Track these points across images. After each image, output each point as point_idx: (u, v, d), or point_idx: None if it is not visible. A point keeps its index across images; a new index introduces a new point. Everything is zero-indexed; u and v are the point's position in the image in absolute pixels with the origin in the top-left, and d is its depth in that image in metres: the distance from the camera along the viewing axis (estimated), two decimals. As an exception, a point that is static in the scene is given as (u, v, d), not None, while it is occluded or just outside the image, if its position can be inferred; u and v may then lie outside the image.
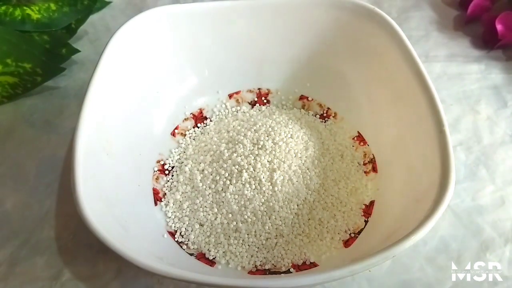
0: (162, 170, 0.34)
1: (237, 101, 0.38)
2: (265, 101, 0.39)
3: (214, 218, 0.31)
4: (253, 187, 0.30)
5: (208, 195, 0.31)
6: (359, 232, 0.30)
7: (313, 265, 0.29)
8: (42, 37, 0.39)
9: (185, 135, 0.36)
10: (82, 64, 0.42)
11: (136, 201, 0.30)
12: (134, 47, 0.32)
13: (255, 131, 0.33)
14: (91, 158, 0.26)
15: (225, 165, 0.31)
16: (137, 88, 0.33)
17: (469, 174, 0.35)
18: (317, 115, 0.38)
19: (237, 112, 0.38)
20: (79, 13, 0.42)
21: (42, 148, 0.36)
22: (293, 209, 0.31)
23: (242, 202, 0.30)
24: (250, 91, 0.39)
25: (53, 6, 0.40)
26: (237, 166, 0.31)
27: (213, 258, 0.29)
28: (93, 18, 0.47)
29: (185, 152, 0.35)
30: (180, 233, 0.30)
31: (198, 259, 0.29)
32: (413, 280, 0.30)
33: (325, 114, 0.37)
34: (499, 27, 0.42)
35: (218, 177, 0.31)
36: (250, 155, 0.31)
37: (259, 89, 0.39)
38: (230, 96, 0.38)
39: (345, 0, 0.34)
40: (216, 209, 0.31)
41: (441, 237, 0.31)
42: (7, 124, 0.38)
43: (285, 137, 0.33)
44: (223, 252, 0.30)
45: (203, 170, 0.33)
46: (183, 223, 0.31)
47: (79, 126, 0.26)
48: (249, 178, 0.30)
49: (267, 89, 0.39)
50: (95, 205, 0.24)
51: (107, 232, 0.22)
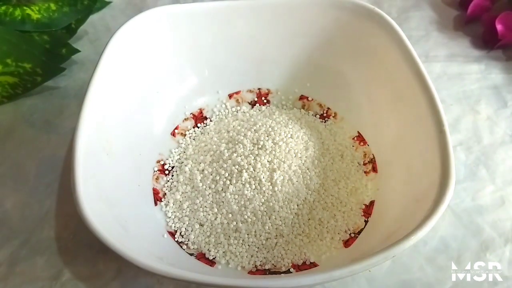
0: (162, 170, 0.34)
1: (237, 101, 0.38)
2: (265, 101, 0.39)
3: (214, 218, 0.31)
4: (253, 187, 0.30)
5: (208, 195, 0.31)
6: (359, 232, 0.30)
7: (313, 265, 0.29)
8: (42, 37, 0.39)
9: (185, 135, 0.36)
10: (82, 64, 0.42)
11: (136, 201, 0.30)
12: (134, 47, 0.32)
13: (255, 131, 0.33)
14: (91, 158, 0.26)
15: (225, 165, 0.31)
16: (137, 88, 0.33)
17: (469, 174, 0.35)
18: (317, 115, 0.38)
19: (237, 112, 0.38)
20: (79, 13, 0.42)
21: (42, 148, 0.36)
22: (293, 209, 0.31)
23: (242, 202, 0.30)
24: (250, 91, 0.39)
25: (53, 6, 0.40)
26: (237, 166, 0.31)
27: (213, 258, 0.29)
28: (93, 18, 0.47)
29: (185, 152, 0.35)
30: (180, 233, 0.30)
31: (198, 259, 0.29)
32: (413, 280, 0.30)
33: (325, 114, 0.37)
34: (499, 27, 0.42)
35: (218, 177, 0.31)
36: (250, 155, 0.31)
37: (259, 89, 0.39)
38: (230, 96, 0.38)
39: (345, 0, 0.34)
40: (216, 209, 0.31)
41: (441, 237, 0.31)
42: (7, 124, 0.38)
43: (285, 137, 0.33)
44: (223, 252, 0.30)
45: (203, 170, 0.33)
46: (183, 223, 0.31)
47: (79, 126, 0.26)
48: (249, 178, 0.30)
49: (267, 89, 0.39)
50: (95, 205, 0.24)
51: (107, 232, 0.22)
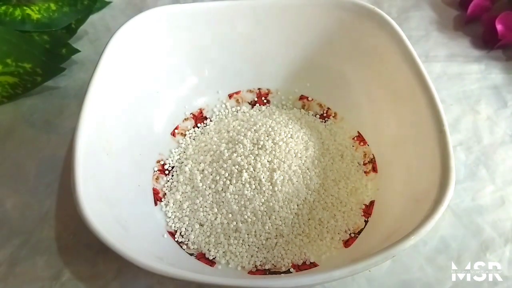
0: (162, 170, 0.34)
1: (237, 101, 0.38)
2: (265, 101, 0.39)
3: (214, 218, 0.31)
4: (253, 187, 0.30)
5: (208, 195, 0.31)
6: (359, 232, 0.30)
7: (313, 265, 0.29)
8: (42, 37, 0.39)
9: (185, 135, 0.36)
10: (82, 64, 0.42)
11: (136, 201, 0.30)
12: (134, 47, 0.32)
13: (255, 131, 0.33)
14: (91, 158, 0.26)
15: (225, 165, 0.31)
16: (137, 88, 0.33)
17: (469, 174, 0.35)
18: (317, 115, 0.38)
19: (237, 112, 0.38)
20: (79, 13, 0.42)
21: (42, 148, 0.36)
22: (293, 209, 0.31)
23: (242, 202, 0.30)
24: (250, 91, 0.39)
25: (53, 6, 0.40)
26: (237, 166, 0.31)
27: (213, 258, 0.29)
28: (93, 18, 0.47)
29: (185, 152, 0.35)
30: (180, 233, 0.30)
31: (198, 259, 0.29)
32: (413, 280, 0.30)
33: (325, 114, 0.37)
34: (499, 27, 0.42)
35: (218, 177, 0.31)
36: (250, 155, 0.31)
37: (259, 89, 0.39)
38: (230, 96, 0.38)
39: (346, 0, 0.34)
40: (216, 209, 0.31)
41: (441, 237, 0.31)
42: (7, 124, 0.38)
43: (285, 137, 0.33)
44: (223, 252, 0.30)
45: (203, 170, 0.33)
46: (183, 223, 0.31)
47: (79, 126, 0.26)
48: (249, 178, 0.30)
49: (267, 89, 0.39)
50: (95, 205, 0.24)
51: (107, 232, 0.22)
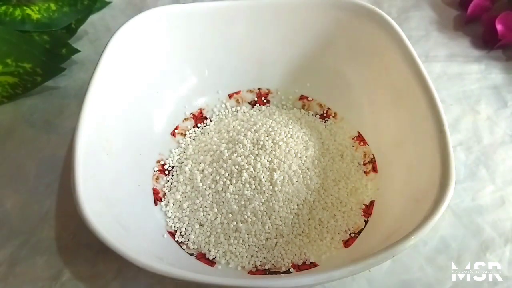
0: (162, 170, 0.34)
1: (237, 101, 0.38)
2: (265, 101, 0.39)
3: (214, 218, 0.31)
4: (253, 187, 0.30)
5: (208, 195, 0.31)
6: (359, 232, 0.30)
7: (313, 265, 0.29)
8: (42, 37, 0.39)
9: (185, 135, 0.36)
10: (82, 64, 0.42)
11: (136, 201, 0.30)
12: (134, 47, 0.32)
13: (255, 131, 0.33)
14: (91, 158, 0.26)
15: (225, 165, 0.31)
16: (137, 88, 0.33)
17: (469, 174, 0.35)
18: (317, 115, 0.38)
19: (237, 112, 0.38)
20: (79, 13, 0.42)
21: (42, 148, 0.36)
22: (293, 209, 0.31)
23: (242, 202, 0.30)
24: (250, 91, 0.39)
25: (53, 6, 0.40)
26: (237, 166, 0.31)
27: (213, 258, 0.29)
28: (93, 18, 0.47)
29: (185, 152, 0.35)
30: (180, 233, 0.30)
31: (198, 259, 0.29)
32: (413, 280, 0.30)
33: (325, 114, 0.37)
34: (499, 27, 0.42)
35: (218, 177, 0.31)
36: (250, 155, 0.31)
37: (259, 89, 0.39)
38: (230, 96, 0.38)
39: (345, 0, 0.34)
40: (216, 209, 0.31)
41: (441, 237, 0.31)
42: (7, 124, 0.38)
43: (285, 137, 0.33)
44: (223, 252, 0.30)
45: (203, 170, 0.33)
46: (183, 223, 0.31)
47: (79, 126, 0.26)
48: (249, 178, 0.30)
49: (267, 89, 0.39)
50: (95, 205, 0.24)
51: (107, 232, 0.22)
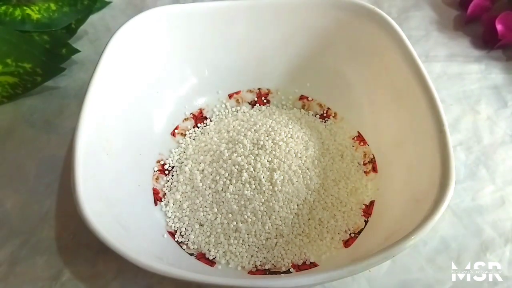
0: (162, 170, 0.34)
1: (237, 101, 0.38)
2: (265, 101, 0.39)
3: (214, 218, 0.31)
4: (253, 187, 0.30)
5: (208, 195, 0.31)
6: (359, 232, 0.30)
7: (313, 265, 0.29)
8: (42, 37, 0.39)
9: (185, 135, 0.36)
10: (82, 64, 0.42)
11: (136, 201, 0.30)
12: (134, 47, 0.32)
13: (255, 131, 0.33)
14: (91, 158, 0.26)
15: (225, 165, 0.31)
16: (137, 88, 0.33)
17: (469, 174, 0.35)
18: (317, 115, 0.38)
19: (237, 112, 0.38)
20: (79, 13, 0.42)
21: (42, 148, 0.36)
22: (293, 209, 0.31)
23: (242, 202, 0.30)
24: (250, 91, 0.39)
25: (53, 6, 0.40)
26: (237, 166, 0.31)
27: (213, 258, 0.29)
28: (93, 18, 0.47)
29: (185, 152, 0.35)
30: (180, 233, 0.30)
31: (198, 259, 0.29)
32: (413, 280, 0.30)
33: (325, 114, 0.37)
34: (499, 27, 0.42)
35: (218, 177, 0.31)
36: (250, 155, 0.31)
37: (259, 89, 0.39)
38: (230, 96, 0.38)
39: (345, 0, 0.34)
40: (216, 209, 0.31)
41: (441, 237, 0.31)
42: (7, 124, 0.38)
43: (285, 137, 0.33)
44: (223, 252, 0.30)
45: (203, 170, 0.33)
46: (183, 223, 0.31)
47: (79, 126, 0.26)
48: (249, 178, 0.30)
49: (267, 89, 0.39)
50: (95, 205, 0.24)
51: (107, 232, 0.22)
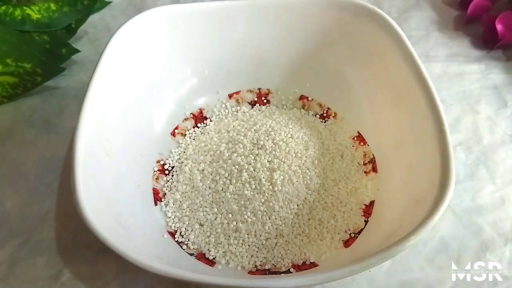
0: (162, 170, 0.34)
1: (237, 101, 0.38)
2: (265, 101, 0.39)
3: (214, 218, 0.31)
4: (253, 187, 0.30)
5: (208, 195, 0.31)
6: (359, 232, 0.30)
7: (313, 265, 0.29)
8: (42, 37, 0.39)
9: (185, 135, 0.36)
10: (82, 64, 0.42)
11: (136, 201, 0.30)
12: (134, 47, 0.32)
13: (255, 131, 0.33)
14: (91, 158, 0.26)
15: (225, 165, 0.31)
16: (137, 88, 0.33)
17: (469, 174, 0.35)
18: (317, 115, 0.38)
19: (237, 112, 0.38)
20: (79, 13, 0.42)
21: (42, 148, 0.36)
22: (293, 209, 0.31)
23: (242, 202, 0.30)
24: (250, 91, 0.39)
25: (53, 6, 0.40)
26: (237, 166, 0.31)
27: (213, 258, 0.29)
28: (93, 18, 0.46)
29: (185, 152, 0.35)
30: (180, 233, 0.30)
31: (198, 259, 0.29)
32: (413, 280, 0.30)
33: (325, 114, 0.37)
34: (499, 27, 0.42)
35: (218, 177, 0.31)
36: (250, 155, 0.31)
37: (259, 89, 0.39)
38: (230, 96, 0.38)
39: (345, 0, 0.34)
40: (216, 209, 0.31)
41: (441, 237, 0.31)
42: (7, 124, 0.38)
43: (285, 137, 0.33)
44: (223, 252, 0.30)
45: (203, 170, 0.33)
46: (183, 223, 0.31)
47: (79, 126, 0.26)
48: (249, 178, 0.30)
49: (267, 89, 0.39)
50: (95, 205, 0.24)
51: (107, 232, 0.22)
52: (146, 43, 0.33)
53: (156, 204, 0.31)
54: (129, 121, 0.32)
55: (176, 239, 0.30)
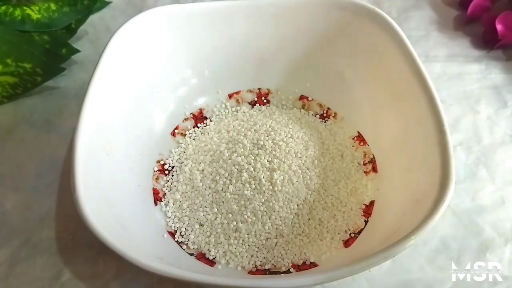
0: (162, 170, 0.34)
1: (237, 101, 0.38)
2: (265, 101, 0.39)
3: (214, 218, 0.31)
4: (253, 187, 0.30)
5: (208, 195, 0.31)
6: (359, 232, 0.30)
7: (313, 265, 0.29)
8: (42, 37, 0.39)
9: (185, 135, 0.36)
10: (82, 64, 0.42)
11: (136, 201, 0.30)
12: (134, 47, 0.32)
13: (255, 131, 0.33)
14: (91, 158, 0.26)
15: (225, 165, 0.31)
16: (137, 88, 0.33)
17: (469, 174, 0.35)
18: (317, 115, 0.38)
19: (237, 112, 0.38)
20: (79, 13, 0.42)
21: (42, 148, 0.36)
22: (293, 209, 0.31)
23: (242, 202, 0.30)
24: (250, 91, 0.39)
25: (53, 6, 0.40)
26: (237, 166, 0.31)
27: (213, 258, 0.29)
28: (93, 18, 0.46)
29: (185, 152, 0.35)
30: (180, 233, 0.30)
31: (198, 259, 0.29)
32: (413, 280, 0.30)
33: (325, 114, 0.37)
34: (499, 27, 0.42)
35: (218, 177, 0.31)
36: (250, 155, 0.31)
37: (259, 89, 0.39)
38: (230, 96, 0.38)
39: (345, 0, 0.34)
40: (216, 209, 0.31)
41: (441, 237, 0.31)
42: (7, 124, 0.38)
43: (285, 137, 0.33)
44: (223, 252, 0.30)
45: (203, 170, 0.33)
46: (183, 223, 0.31)
47: (79, 126, 0.26)
48: (249, 178, 0.30)
49: (267, 89, 0.39)
50: (95, 205, 0.24)
51: (107, 232, 0.22)
52: (146, 43, 0.33)
53: (156, 204, 0.31)
54: (129, 121, 0.32)
55: (176, 239, 0.30)
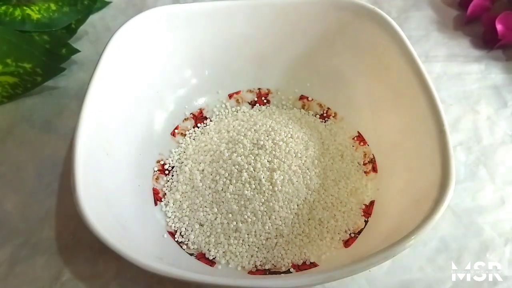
0: (162, 170, 0.34)
1: (237, 101, 0.38)
2: (265, 101, 0.39)
3: (214, 218, 0.31)
4: (253, 187, 0.30)
5: (208, 195, 0.31)
6: (359, 232, 0.30)
7: (313, 265, 0.29)
8: (42, 37, 0.39)
9: (185, 135, 0.36)
10: (82, 64, 0.42)
11: (136, 201, 0.30)
12: (134, 47, 0.32)
13: (255, 131, 0.33)
14: (91, 158, 0.26)
15: (225, 165, 0.31)
16: (137, 88, 0.33)
17: (469, 174, 0.35)
18: (317, 115, 0.38)
19: (237, 112, 0.38)
20: (79, 13, 0.42)
21: (42, 148, 0.36)
22: (293, 209, 0.31)
23: (242, 202, 0.30)
24: (250, 91, 0.39)
25: (53, 6, 0.40)
26: (237, 166, 0.31)
27: (213, 258, 0.29)
28: (93, 18, 0.46)
29: (185, 152, 0.35)
30: (180, 233, 0.30)
31: (198, 259, 0.29)
32: (413, 280, 0.30)
33: (325, 114, 0.37)
34: (499, 27, 0.42)
35: (218, 177, 0.31)
36: (250, 155, 0.31)
37: (259, 89, 0.39)
38: (230, 96, 0.38)
39: (345, 0, 0.34)
40: (216, 209, 0.31)
41: (441, 237, 0.31)
42: (7, 124, 0.38)
43: (285, 137, 0.33)
44: (223, 252, 0.30)
45: (203, 170, 0.33)
46: (183, 223, 0.31)
47: (79, 126, 0.26)
48: (249, 178, 0.30)
49: (267, 89, 0.39)
50: (95, 205, 0.24)
51: (107, 232, 0.22)
52: (146, 43, 0.33)
53: (156, 204, 0.31)
54: (129, 121, 0.32)
55: (176, 239, 0.30)
